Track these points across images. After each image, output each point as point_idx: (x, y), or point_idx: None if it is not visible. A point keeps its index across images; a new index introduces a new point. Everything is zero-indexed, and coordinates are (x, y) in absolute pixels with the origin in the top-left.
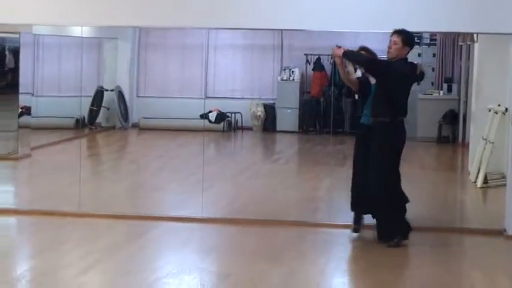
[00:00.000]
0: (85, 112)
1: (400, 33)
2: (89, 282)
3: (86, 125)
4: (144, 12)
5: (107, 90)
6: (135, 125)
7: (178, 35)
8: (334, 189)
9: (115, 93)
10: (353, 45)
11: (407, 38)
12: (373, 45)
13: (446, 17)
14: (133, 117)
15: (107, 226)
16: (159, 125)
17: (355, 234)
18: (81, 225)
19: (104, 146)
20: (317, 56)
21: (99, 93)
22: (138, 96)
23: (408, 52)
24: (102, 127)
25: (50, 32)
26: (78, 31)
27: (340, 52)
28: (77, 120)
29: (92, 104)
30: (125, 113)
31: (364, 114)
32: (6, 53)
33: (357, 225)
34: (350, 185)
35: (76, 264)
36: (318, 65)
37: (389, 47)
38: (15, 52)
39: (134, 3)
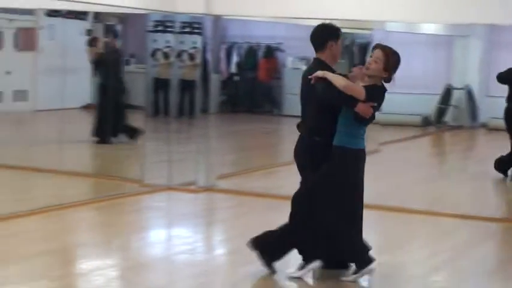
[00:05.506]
0: (432, 110)
1: None
2: (440, 282)
3: (433, 123)
4: (497, 9)
5: (455, 88)
6: (484, 125)
7: None
8: None
9: (464, 91)
10: None
11: None
12: None
13: None
14: (482, 116)
15: (454, 226)
16: None
17: None
18: (428, 223)
19: (451, 144)
20: None
21: (447, 92)
22: (487, 96)
23: None
24: (449, 126)
25: (402, 29)
26: (428, 28)
27: None
28: (424, 118)
29: (440, 102)
30: (473, 112)
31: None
32: (354, 49)
33: None
34: None
35: (426, 262)
36: None
37: None
38: (362, 49)
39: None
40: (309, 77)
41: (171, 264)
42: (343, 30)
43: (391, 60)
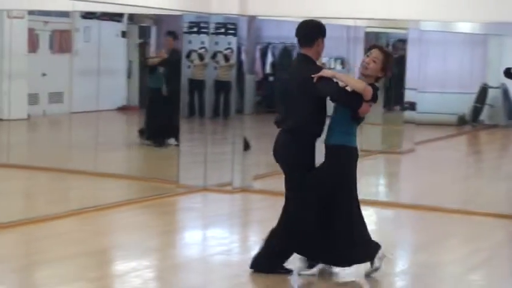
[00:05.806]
0: (468, 109)
1: None
2: (478, 281)
3: (469, 122)
4: None
5: (491, 87)
6: None
7: None
8: None
9: (500, 90)
10: None
11: None
12: None
13: None
14: None
15: (491, 225)
16: None
17: None
18: (465, 222)
19: (487, 143)
20: None
21: (483, 91)
22: None
23: None
24: (484, 124)
25: (437, 28)
26: (463, 27)
27: None
28: (460, 117)
29: (476, 101)
30: (509, 111)
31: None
32: (389, 48)
33: None
34: None
35: (463, 261)
36: None
37: None
38: (395, 47)
39: None
40: (312, 75)
41: (207, 265)
42: (378, 30)
43: (390, 60)
